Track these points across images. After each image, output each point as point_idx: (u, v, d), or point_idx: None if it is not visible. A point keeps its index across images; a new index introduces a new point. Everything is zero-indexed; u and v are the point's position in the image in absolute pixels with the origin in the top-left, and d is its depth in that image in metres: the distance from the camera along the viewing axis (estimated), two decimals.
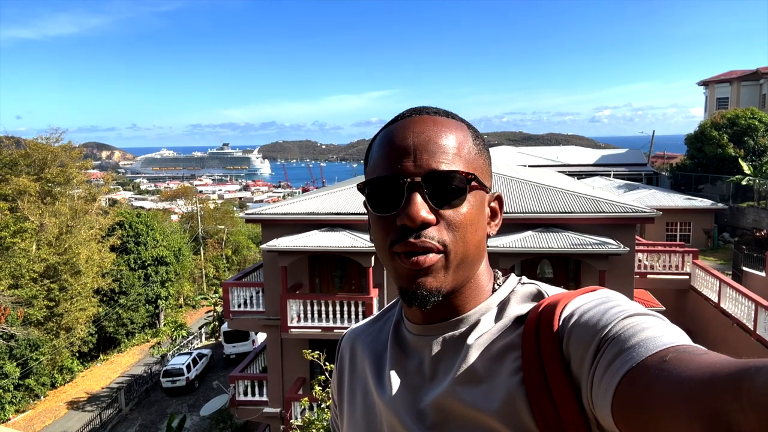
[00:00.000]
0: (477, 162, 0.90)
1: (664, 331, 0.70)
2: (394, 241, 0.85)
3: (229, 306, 16.66)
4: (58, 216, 30.85)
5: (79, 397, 28.51)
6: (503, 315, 0.90)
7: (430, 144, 0.86)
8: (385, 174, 0.87)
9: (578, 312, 0.80)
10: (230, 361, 29.87)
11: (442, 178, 0.84)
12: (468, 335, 0.90)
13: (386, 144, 0.89)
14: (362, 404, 1.02)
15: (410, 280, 0.85)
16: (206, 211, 55.51)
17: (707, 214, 26.83)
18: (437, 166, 0.85)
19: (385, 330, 1.05)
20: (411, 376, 0.94)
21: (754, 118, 30.43)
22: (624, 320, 0.73)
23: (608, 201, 15.67)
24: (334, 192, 17.54)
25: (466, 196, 0.86)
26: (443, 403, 0.87)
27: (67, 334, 29.22)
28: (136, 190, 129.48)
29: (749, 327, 14.48)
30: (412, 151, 0.86)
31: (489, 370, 0.85)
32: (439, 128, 0.88)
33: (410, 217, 0.82)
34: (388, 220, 0.86)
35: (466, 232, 0.86)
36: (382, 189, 0.87)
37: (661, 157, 49.82)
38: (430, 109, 0.93)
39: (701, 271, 17.77)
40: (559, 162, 37.42)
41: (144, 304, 35.92)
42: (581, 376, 0.75)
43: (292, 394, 15.51)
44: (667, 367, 0.63)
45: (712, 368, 0.58)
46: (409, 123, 0.89)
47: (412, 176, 0.84)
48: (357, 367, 1.07)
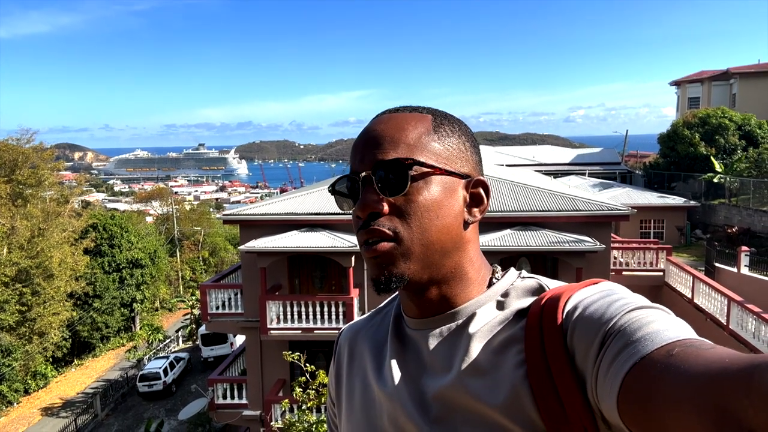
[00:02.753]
0: (431, 147, 0.89)
1: (669, 325, 0.70)
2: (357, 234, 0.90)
3: (207, 308, 16.49)
4: (30, 218, 30.18)
5: (54, 403, 27.95)
6: (504, 308, 0.89)
7: (378, 138, 0.89)
8: (347, 175, 0.92)
9: (582, 305, 0.79)
10: (208, 364, 29.56)
11: (384, 167, 0.86)
12: (467, 327, 0.89)
13: (352, 147, 0.94)
14: (361, 398, 1.01)
15: (374, 268, 0.88)
16: (182, 212, 54.85)
17: (680, 212, 27.35)
18: (382, 157, 0.87)
19: (384, 324, 1.05)
20: (412, 369, 0.94)
21: (725, 117, 31.07)
22: (629, 313, 0.73)
23: (584, 199, 15.89)
24: (312, 192, 17.47)
25: (411, 183, 0.86)
26: (447, 396, 0.87)
27: (40, 339, 28.61)
28: (109, 191, 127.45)
29: (722, 322, 14.80)
30: (363, 148, 0.90)
31: (492, 362, 0.84)
32: (393, 122, 0.90)
33: (358, 208, 0.87)
34: (354, 216, 0.90)
35: (422, 219, 0.86)
36: (347, 189, 0.92)
37: (635, 156, 50.65)
38: (403, 107, 0.95)
39: (675, 267, 18.11)
40: (535, 161, 37.80)
41: (119, 307, 35.33)
42: (586, 370, 0.74)
43: (273, 396, 15.41)
44: (674, 362, 0.62)
45: (720, 363, 0.57)
46: (372, 123, 0.93)
47: (361, 171, 0.88)
48: (356, 362, 1.06)
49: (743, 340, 13.71)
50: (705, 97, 40.30)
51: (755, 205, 25.42)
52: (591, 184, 30.57)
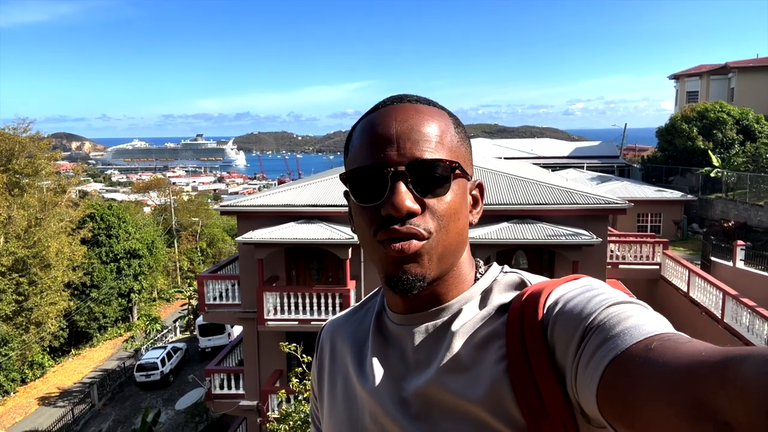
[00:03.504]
0: (459, 150, 0.89)
1: (648, 319, 0.70)
2: (377, 230, 0.84)
3: (205, 299, 16.50)
4: (27, 208, 30.10)
5: (51, 392, 28.02)
6: (486, 303, 0.89)
7: (413, 132, 0.85)
8: (368, 163, 0.84)
9: (562, 300, 0.80)
10: (206, 354, 29.65)
11: (426, 167, 0.83)
12: (451, 324, 0.89)
13: (368, 132, 0.87)
14: (343, 394, 1.01)
15: (396, 267, 0.84)
16: (180, 203, 54.77)
17: (677, 206, 27.38)
18: (421, 155, 0.83)
19: (366, 320, 1.04)
20: (393, 366, 0.93)
21: (723, 111, 31.09)
22: (608, 308, 0.73)
23: (582, 193, 15.89)
24: (311, 184, 17.45)
25: (450, 185, 0.85)
26: (427, 392, 0.87)
27: (37, 329, 28.63)
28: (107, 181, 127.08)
29: (717, 315, 14.88)
30: (395, 139, 0.84)
31: (473, 358, 0.85)
32: (421, 116, 0.87)
33: (395, 207, 0.81)
34: (372, 210, 0.85)
35: (449, 221, 0.85)
36: (365, 179, 0.85)
37: (633, 150, 50.62)
38: (411, 97, 0.91)
39: (671, 261, 18.18)
40: (533, 154, 37.79)
41: (116, 297, 35.35)
42: (566, 365, 0.75)
43: (269, 387, 15.45)
44: (652, 356, 0.62)
45: (697, 357, 0.58)
46: (391, 111, 0.88)
47: (395, 165, 0.83)
48: (337, 357, 1.05)
49: (738, 333, 13.78)
50: (703, 91, 40.26)
51: (752, 199, 25.47)
52: (589, 177, 30.57)
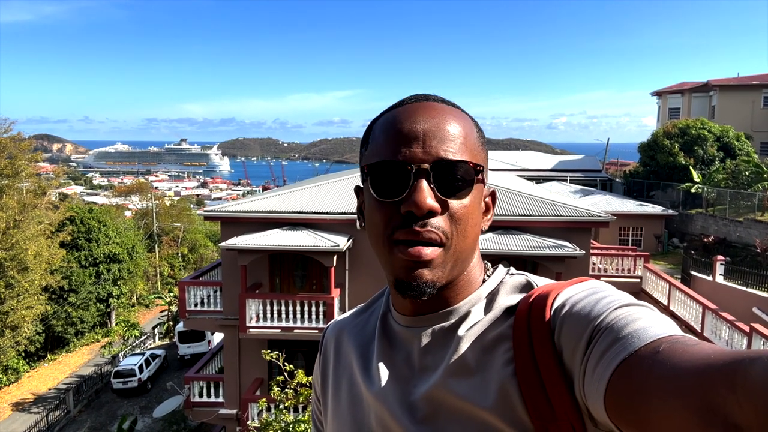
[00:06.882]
0: (480, 154, 0.88)
1: (656, 322, 0.70)
2: (396, 228, 0.82)
3: (185, 305, 16.31)
4: (5, 210, 29.54)
5: (25, 398, 27.41)
6: (493, 306, 0.88)
7: (440, 131, 0.83)
8: (392, 158, 0.83)
9: (570, 302, 0.79)
10: (185, 362, 29.20)
11: (450, 167, 0.82)
12: (458, 327, 0.88)
13: (393, 127, 0.85)
14: (348, 397, 0.99)
15: (407, 271, 0.82)
16: (162, 207, 54.14)
17: (658, 220, 27.75)
18: (446, 155, 0.82)
19: (371, 321, 1.03)
20: (399, 368, 0.92)
21: (704, 128, 31.60)
22: (616, 310, 0.73)
23: (565, 205, 16.04)
24: (296, 190, 17.40)
25: (471, 188, 0.84)
26: (435, 396, 0.85)
27: (12, 333, 28.01)
28: (88, 184, 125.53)
29: (697, 329, 15.03)
30: (421, 136, 0.83)
31: (480, 361, 0.84)
32: (447, 116, 0.86)
33: (417, 204, 0.79)
34: (391, 206, 0.83)
35: (467, 225, 0.84)
36: (386, 173, 0.84)
37: (615, 164, 51.26)
38: (437, 98, 0.90)
39: (652, 274, 18.36)
40: (518, 166, 38.04)
41: (95, 302, 34.74)
42: (573, 367, 0.74)
43: (250, 395, 15.29)
44: (660, 358, 0.62)
45: (706, 359, 0.57)
46: (418, 108, 0.86)
47: (420, 162, 0.81)
48: (342, 359, 1.04)
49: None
50: (685, 108, 40.93)
51: (731, 215, 25.87)
52: (572, 190, 30.88)
